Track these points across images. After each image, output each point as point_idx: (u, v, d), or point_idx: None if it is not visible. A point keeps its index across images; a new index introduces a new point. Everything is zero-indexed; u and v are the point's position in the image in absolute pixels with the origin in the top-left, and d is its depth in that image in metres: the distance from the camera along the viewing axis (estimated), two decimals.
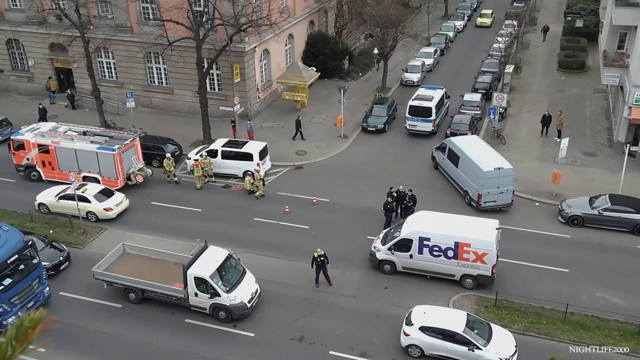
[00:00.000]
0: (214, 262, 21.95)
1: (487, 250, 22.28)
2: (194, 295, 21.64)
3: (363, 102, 41.83)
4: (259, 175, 30.48)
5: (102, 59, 41.13)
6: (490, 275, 22.77)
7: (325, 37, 46.75)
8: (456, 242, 22.61)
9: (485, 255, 22.33)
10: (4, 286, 20.70)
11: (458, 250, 22.61)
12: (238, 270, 22.65)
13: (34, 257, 22.08)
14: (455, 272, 23.11)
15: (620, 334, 20.65)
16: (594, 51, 49.10)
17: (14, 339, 1.99)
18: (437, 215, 24.75)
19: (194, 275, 21.40)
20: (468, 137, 32.45)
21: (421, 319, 20.02)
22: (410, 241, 23.25)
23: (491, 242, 22.33)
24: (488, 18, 61.13)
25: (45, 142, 31.05)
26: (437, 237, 22.93)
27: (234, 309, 21.44)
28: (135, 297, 22.70)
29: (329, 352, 20.39)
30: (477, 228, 23.19)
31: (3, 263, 20.65)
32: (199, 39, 32.88)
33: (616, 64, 35.16)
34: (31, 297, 21.77)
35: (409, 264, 23.68)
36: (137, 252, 24.27)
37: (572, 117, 38.60)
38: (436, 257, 23.04)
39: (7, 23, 42.32)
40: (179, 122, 38.53)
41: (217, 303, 21.49)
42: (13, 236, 21.55)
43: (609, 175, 31.43)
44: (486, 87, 42.45)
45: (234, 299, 21.45)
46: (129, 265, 23.37)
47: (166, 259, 23.82)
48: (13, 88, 44.31)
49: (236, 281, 22.04)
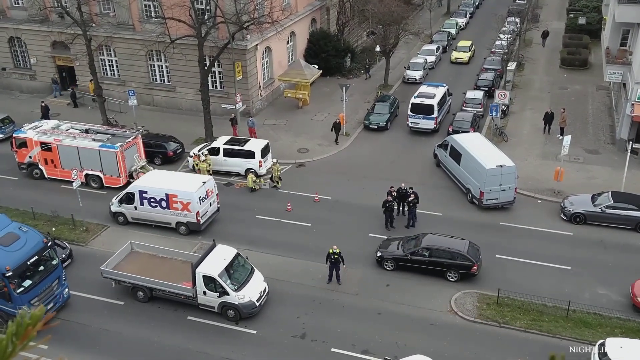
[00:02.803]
0: (222, 261, 21.89)
1: (189, 200, 26.05)
2: (202, 294, 21.58)
3: (365, 100, 41.79)
4: (278, 167, 30.69)
5: (104, 56, 41.15)
6: (196, 222, 26.32)
7: (327, 34, 46.69)
8: (166, 194, 26.53)
9: (189, 205, 26.12)
10: (24, 288, 20.51)
11: (169, 201, 26.45)
12: (246, 268, 22.60)
13: (53, 258, 21.91)
14: (170, 220, 26.93)
15: (623, 332, 20.63)
16: (597, 48, 48.99)
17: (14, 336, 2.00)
18: (161, 173, 28.85)
19: (202, 274, 21.34)
20: (470, 135, 32.40)
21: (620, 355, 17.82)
22: (133, 194, 26.98)
23: (192, 193, 26.00)
24: (465, 52, 49.20)
25: (47, 140, 31.08)
26: (152, 190, 26.73)
27: (242, 307, 21.39)
28: (143, 296, 22.65)
29: (331, 349, 20.41)
30: (183, 182, 27.13)
31: (23, 264, 20.49)
32: (200, 37, 32.87)
33: (619, 61, 35.05)
34: (51, 298, 21.57)
35: (135, 215, 27.40)
36: (144, 251, 24.21)
37: (575, 114, 38.51)
38: (154, 207, 26.88)
39: (9, 21, 42.35)
40: (180, 119, 38.55)
41: (225, 302, 21.43)
42: (33, 237, 21.34)
43: (611, 173, 31.37)
44: (488, 84, 42.37)
45: (243, 298, 21.40)
46: (137, 263, 23.32)
47: (174, 258, 23.77)
48: (15, 86, 44.36)
49: (244, 280, 21.99)
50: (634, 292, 21.90)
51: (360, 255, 25.08)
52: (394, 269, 24.16)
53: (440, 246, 23.60)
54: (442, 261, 23.41)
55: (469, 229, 26.97)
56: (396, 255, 24.02)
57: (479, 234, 26.60)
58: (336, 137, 35.53)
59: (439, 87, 38.53)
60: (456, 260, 23.25)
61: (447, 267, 23.36)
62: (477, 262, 23.20)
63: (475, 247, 24.01)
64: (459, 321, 21.66)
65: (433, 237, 24.42)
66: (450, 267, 23.33)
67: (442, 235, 24.57)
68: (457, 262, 23.22)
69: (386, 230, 27.04)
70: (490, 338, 20.79)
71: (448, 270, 23.38)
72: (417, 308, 22.31)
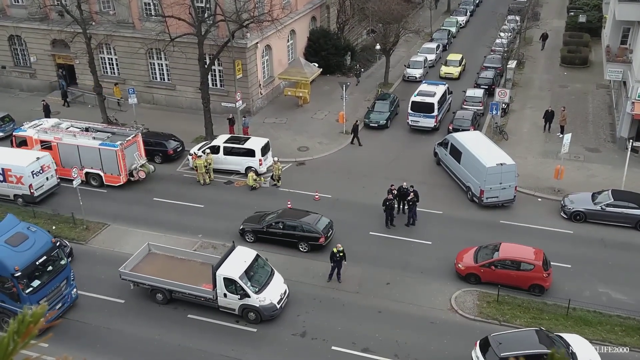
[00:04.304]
0: (242, 263, 21.66)
1: (21, 174, 28.49)
2: (222, 296, 21.35)
3: (365, 98, 41.77)
4: (279, 166, 30.60)
5: (104, 55, 41.13)
6: (29, 194, 28.62)
7: (327, 32, 46.65)
8: (2, 168, 28.88)
9: (22, 178, 28.59)
10: (33, 288, 20.41)
11: (5, 174, 28.96)
12: (266, 270, 22.34)
13: (61, 258, 21.83)
14: (8, 192, 29.31)
15: (623, 330, 20.66)
16: (597, 46, 48.96)
17: (16, 334, 1.99)
18: None
19: (223, 276, 21.11)
20: (470, 133, 32.37)
21: None
22: None
23: (23, 167, 28.41)
24: (455, 67, 45.94)
25: (47, 139, 31.07)
26: None
27: (263, 310, 21.15)
28: (162, 298, 22.35)
29: (331, 347, 20.42)
30: (18, 157, 29.40)
31: (32, 264, 20.39)
32: (200, 35, 32.85)
33: (619, 59, 35.05)
34: (59, 298, 21.48)
35: None
36: (162, 252, 23.90)
37: (575, 112, 38.50)
38: (1, 182, 29.31)
39: (9, 19, 42.33)
40: (181, 118, 38.54)
41: (246, 304, 21.20)
42: (41, 237, 21.23)
43: (611, 171, 31.38)
44: (489, 82, 42.34)
45: (264, 300, 21.15)
46: (155, 265, 22.99)
47: (192, 259, 23.48)
48: (15, 84, 44.34)
49: (265, 282, 21.74)
50: (456, 260, 23.73)
51: (360, 254, 25.07)
52: (254, 241, 25.80)
53: (292, 220, 25.73)
54: (293, 233, 25.45)
55: (469, 227, 26.99)
56: (255, 228, 26.04)
57: (479, 232, 26.61)
58: (353, 139, 35.23)
59: (439, 86, 38.52)
60: (305, 232, 25.22)
61: (298, 239, 25.42)
62: (324, 235, 25.17)
63: (327, 222, 25.86)
64: (459, 319, 21.68)
65: (288, 211, 26.73)
66: (301, 239, 25.37)
67: (298, 210, 26.80)
68: (306, 235, 25.24)
69: (386, 229, 27.05)
70: None
71: (299, 242, 25.42)
72: (417, 306, 22.33)
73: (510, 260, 22.83)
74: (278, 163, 30.89)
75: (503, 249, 23.30)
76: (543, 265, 22.49)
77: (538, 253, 22.93)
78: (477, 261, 23.27)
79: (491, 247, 23.79)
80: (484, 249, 23.81)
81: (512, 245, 23.84)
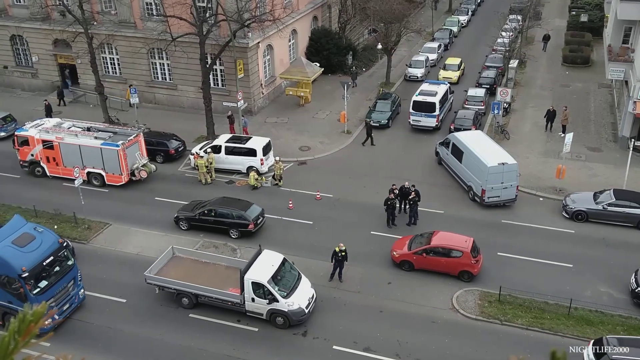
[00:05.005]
0: (270, 267, 21.36)
1: None
2: (250, 301, 21.03)
3: (367, 98, 41.77)
4: (280, 166, 30.61)
5: (106, 54, 41.17)
6: None
7: (328, 32, 46.65)
8: None
9: None
10: (40, 288, 20.35)
11: None
12: (293, 274, 22.03)
13: (69, 259, 21.78)
14: None
15: (624, 329, 20.64)
16: (599, 46, 48.88)
17: (16, 333, 2.00)
18: None
19: (251, 280, 20.81)
20: (472, 133, 32.35)
21: None
22: None
23: None
24: (454, 71, 45.18)
25: (49, 138, 31.12)
26: None
27: (292, 314, 20.84)
28: (188, 302, 22.03)
29: (333, 346, 20.44)
30: None
31: (39, 265, 20.33)
32: (202, 35, 32.88)
33: (621, 58, 35.00)
34: (67, 299, 21.43)
35: None
36: (186, 256, 23.68)
37: (577, 112, 38.46)
38: None
39: (10, 19, 42.39)
40: (182, 117, 38.57)
41: (274, 309, 20.86)
42: (48, 237, 21.16)
43: (613, 170, 31.34)
44: (490, 82, 42.32)
45: (292, 305, 20.82)
46: (180, 269, 22.69)
47: (217, 263, 23.25)
48: (17, 84, 44.40)
49: (293, 286, 21.44)
50: (392, 248, 24.54)
51: (362, 253, 25.08)
52: (188, 229, 26.75)
53: (223, 208, 26.64)
54: (224, 220, 26.42)
55: (471, 227, 26.97)
56: (188, 216, 26.90)
57: (481, 231, 26.60)
58: (366, 139, 35.06)
59: (441, 85, 38.50)
60: (235, 219, 26.15)
61: (228, 226, 26.36)
62: (254, 222, 26.10)
63: (259, 210, 26.71)
64: (461, 319, 21.67)
65: (223, 199, 27.54)
66: (231, 226, 26.32)
67: (232, 199, 27.66)
68: (236, 222, 26.16)
69: (388, 228, 27.05)
70: (491, 336, 20.79)
71: (230, 228, 26.33)
72: (418, 306, 22.33)
73: (440, 247, 23.62)
74: (279, 163, 30.90)
75: (435, 237, 24.10)
76: (472, 252, 23.21)
77: (468, 241, 23.67)
78: (411, 249, 24.03)
79: (426, 236, 24.53)
80: (419, 237, 24.61)
81: (445, 233, 24.60)
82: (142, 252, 25.81)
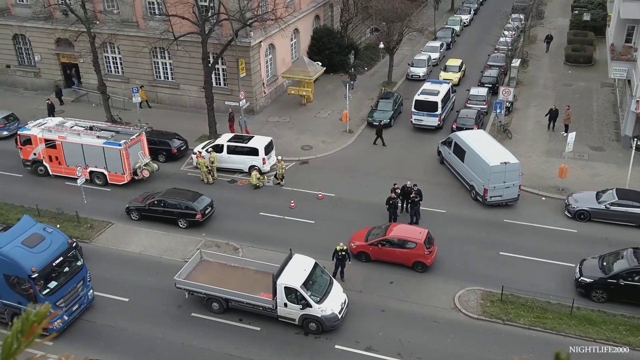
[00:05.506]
0: (302, 272, 21.11)
1: None
2: (283, 306, 20.78)
3: (369, 97, 41.75)
4: (282, 165, 30.60)
5: (108, 54, 41.21)
6: None
7: (330, 31, 46.63)
8: None
9: None
10: (50, 289, 20.28)
11: None
12: (325, 279, 21.76)
13: (78, 259, 21.72)
14: None
15: (627, 329, 20.61)
16: (602, 45, 48.79)
17: (19, 333, 2.01)
18: None
19: (284, 285, 20.56)
20: (474, 132, 32.32)
21: None
22: None
23: None
24: (455, 73, 44.34)
25: (52, 137, 31.16)
26: None
27: (325, 320, 20.57)
28: (218, 307, 21.78)
29: (335, 346, 20.44)
30: None
31: (48, 265, 20.27)
32: (204, 34, 32.90)
33: (624, 57, 34.94)
34: (76, 299, 21.38)
35: None
36: (215, 260, 23.42)
37: (579, 111, 38.40)
38: None
39: (13, 18, 42.45)
40: (184, 117, 38.60)
41: (307, 314, 20.61)
42: (57, 238, 21.08)
43: (615, 170, 31.29)
44: (492, 81, 42.26)
45: (325, 310, 20.57)
46: (209, 273, 22.43)
47: (246, 267, 22.95)
48: (20, 83, 44.47)
49: (325, 291, 21.19)
50: (350, 240, 25.05)
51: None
52: (139, 219, 27.63)
53: (172, 198, 27.51)
54: (172, 211, 27.25)
55: (473, 226, 26.97)
56: (138, 206, 27.76)
57: (483, 231, 26.59)
58: (376, 139, 35.05)
59: (443, 84, 38.46)
60: (183, 210, 27.03)
61: (176, 216, 27.19)
62: (201, 212, 26.94)
63: (208, 201, 27.59)
64: (463, 318, 21.66)
65: (171, 190, 28.48)
66: (179, 216, 27.15)
67: (182, 190, 28.55)
68: (184, 212, 27.05)
69: None
70: (494, 335, 20.78)
71: (178, 218, 27.19)
72: (420, 305, 22.33)
73: (395, 238, 24.23)
74: (282, 162, 30.91)
75: (390, 229, 24.74)
76: (425, 243, 23.77)
77: (422, 232, 24.29)
78: (367, 240, 24.60)
79: (383, 228, 25.09)
80: (376, 229, 25.21)
81: (401, 225, 25.39)
82: (144, 251, 25.86)
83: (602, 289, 22.06)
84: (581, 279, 22.40)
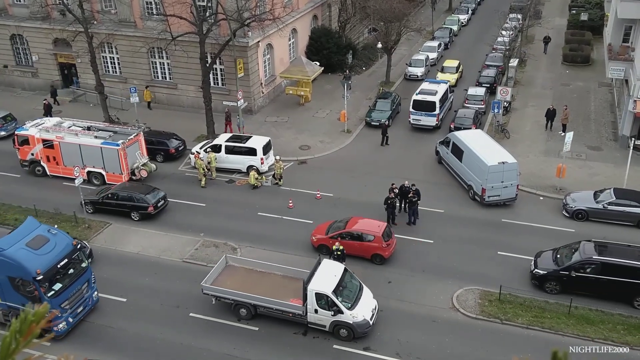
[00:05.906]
0: (333, 277, 20.77)
1: None
2: (313, 312, 20.44)
3: (367, 97, 41.76)
4: (280, 165, 30.57)
5: (106, 54, 41.16)
6: None
7: (328, 31, 46.64)
8: None
9: None
10: (55, 291, 20.15)
11: None
12: (355, 284, 21.44)
13: (82, 261, 21.59)
14: None
15: (625, 328, 20.65)
16: (599, 44, 48.88)
17: (18, 333, 2.00)
18: None
19: (315, 291, 20.21)
20: (472, 132, 32.36)
21: None
22: None
23: None
24: (452, 74, 43.98)
25: (49, 137, 31.11)
26: None
27: (357, 326, 20.23)
28: (246, 313, 21.40)
29: (333, 345, 20.44)
30: None
31: (53, 267, 20.12)
32: (202, 34, 32.87)
33: (621, 57, 34.99)
34: (81, 301, 21.26)
35: None
36: (240, 265, 23.06)
37: (577, 111, 38.46)
38: None
39: (11, 18, 42.38)
40: (182, 117, 38.57)
41: (339, 320, 20.27)
42: (62, 239, 20.94)
43: (613, 169, 31.34)
44: (490, 81, 42.31)
45: (357, 316, 20.25)
46: (235, 279, 22.07)
47: (273, 272, 22.49)
48: (17, 83, 44.40)
49: (356, 297, 20.88)
50: (312, 233, 25.64)
51: None
52: (93, 212, 28.22)
53: (125, 191, 28.19)
54: (125, 204, 27.94)
55: (471, 226, 26.99)
56: (92, 200, 28.39)
57: (481, 231, 26.62)
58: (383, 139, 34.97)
59: (441, 84, 38.49)
60: (136, 203, 27.68)
61: (129, 209, 27.90)
62: (153, 205, 27.64)
63: (161, 194, 28.33)
64: (461, 318, 21.68)
65: (125, 184, 29.25)
66: (132, 209, 27.84)
67: (136, 184, 29.45)
68: (136, 205, 27.68)
69: None
70: (492, 335, 20.80)
71: (131, 211, 27.84)
72: (419, 305, 22.34)
73: (354, 232, 24.71)
74: (280, 162, 30.90)
75: (351, 222, 25.21)
76: (383, 236, 24.20)
77: (381, 226, 24.73)
78: (328, 233, 25.02)
79: (343, 221, 25.49)
80: (337, 223, 25.64)
81: (361, 219, 25.61)
82: (142, 251, 25.84)
83: (555, 281, 22.54)
84: (535, 270, 22.92)
